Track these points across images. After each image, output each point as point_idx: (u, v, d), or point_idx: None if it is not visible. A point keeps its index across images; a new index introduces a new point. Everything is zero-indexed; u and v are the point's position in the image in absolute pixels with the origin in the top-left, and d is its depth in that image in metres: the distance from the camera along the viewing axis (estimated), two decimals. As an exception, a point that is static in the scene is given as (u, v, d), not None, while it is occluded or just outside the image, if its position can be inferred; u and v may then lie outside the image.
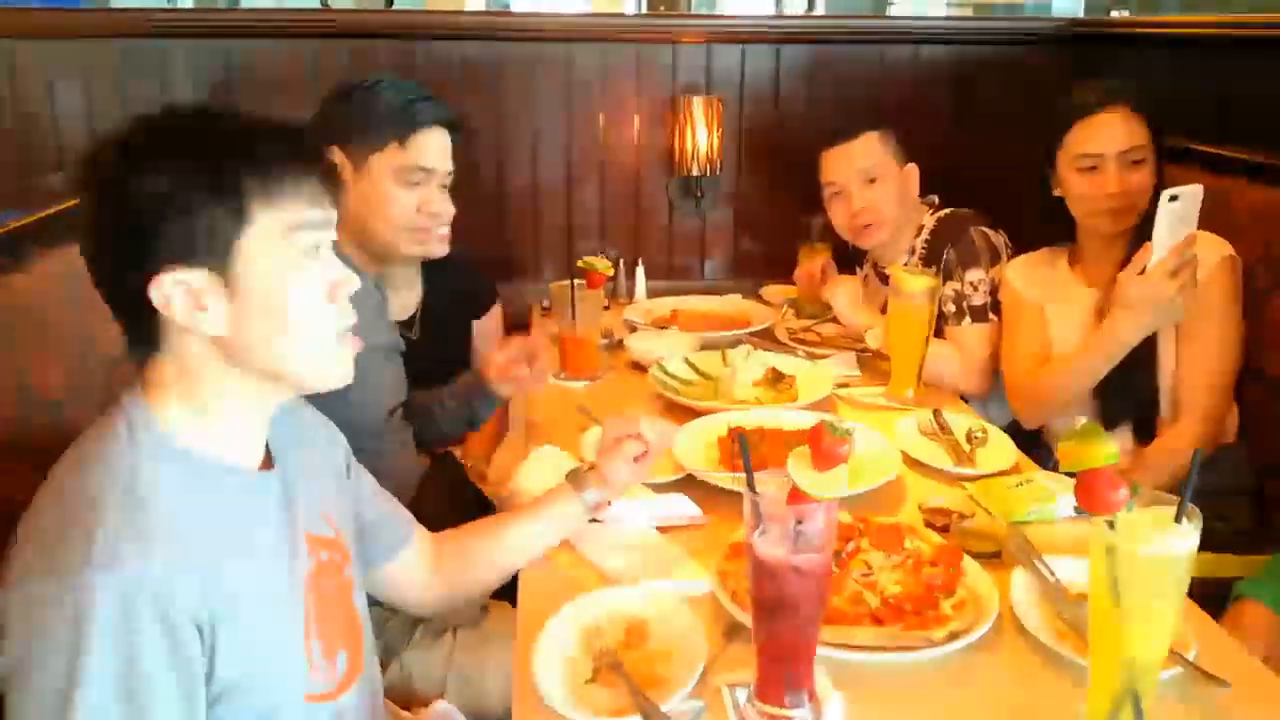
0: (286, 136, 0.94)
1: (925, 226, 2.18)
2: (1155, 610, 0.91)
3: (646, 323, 2.34)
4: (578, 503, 1.33)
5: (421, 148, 1.61)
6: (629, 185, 2.75)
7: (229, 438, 0.96)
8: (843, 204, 2.17)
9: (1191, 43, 2.32)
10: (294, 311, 0.93)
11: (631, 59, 2.64)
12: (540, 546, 1.33)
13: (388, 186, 1.60)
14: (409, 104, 1.60)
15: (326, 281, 0.95)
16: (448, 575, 1.30)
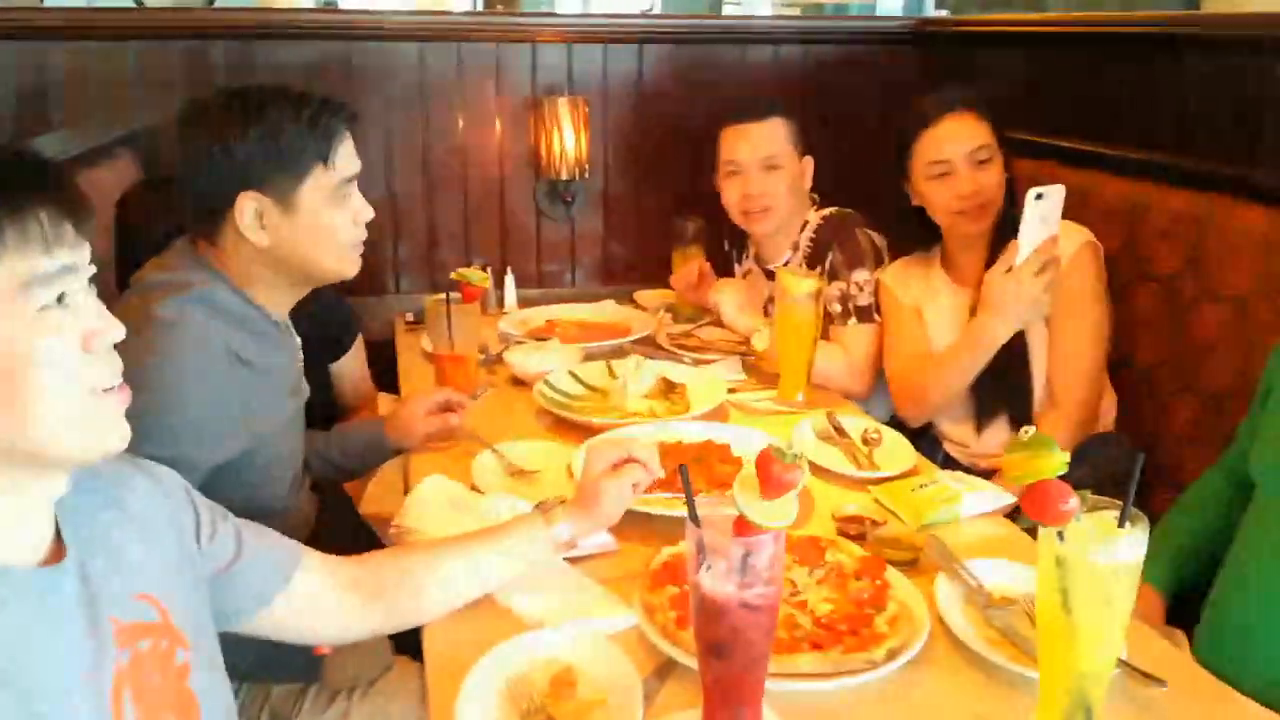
0: (16, 170, 0.79)
1: (810, 223, 2.17)
2: (1106, 619, 0.90)
3: (522, 335, 2.25)
4: (545, 539, 1.21)
5: (343, 158, 1.40)
6: (493, 191, 2.64)
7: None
8: (738, 184, 2.13)
9: (1038, 39, 2.42)
10: (34, 379, 0.77)
11: (489, 59, 2.53)
12: (495, 580, 1.20)
13: (324, 212, 1.39)
14: (317, 117, 1.37)
15: (79, 332, 0.79)
16: (386, 599, 1.15)
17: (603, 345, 2.14)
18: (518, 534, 1.22)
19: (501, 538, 1.22)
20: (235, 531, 1.06)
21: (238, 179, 1.34)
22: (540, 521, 1.22)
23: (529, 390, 1.94)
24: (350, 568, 1.16)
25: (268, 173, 1.35)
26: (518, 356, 2.03)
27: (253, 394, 1.37)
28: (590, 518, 1.23)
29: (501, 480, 1.56)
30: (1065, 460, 0.86)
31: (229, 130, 1.34)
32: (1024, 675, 1.06)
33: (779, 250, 2.20)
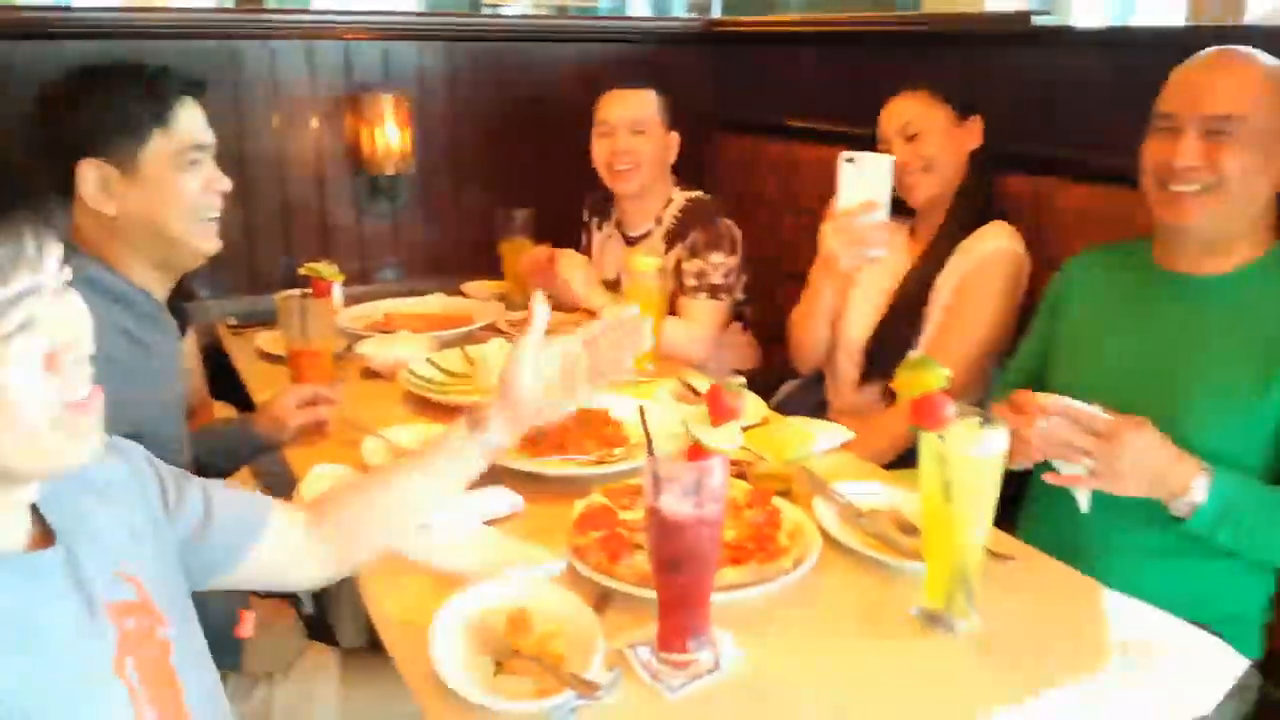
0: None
1: (674, 201, 2.36)
2: (979, 504, 1.11)
3: (363, 329, 2.26)
4: (474, 447, 1.20)
5: (186, 123, 1.41)
6: (312, 190, 2.62)
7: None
8: (608, 143, 2.32)
9: (813, 38, 2.72)
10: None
11: (301, 57, 2.51)
12: (433, 500, 1.22)
13: (170, 175, 1.40)
14: (154, 82, 1.39)
15: (40, 357, 0.78)
16: (335, 543, 1.17)
17: (453, 334, 2.21)
18: (451, 445, 1.21)
19: (438, 451, 1.22)
20: (202, 491, 1.07)
21: (77, 146, 1.37)
22: (467, 430, 1.21)
23: (384, 382, 1.99)
24: (309, 509, 1.19)
25: (106, 138, 1.38)
26: (370, 349, 2.06)
27: (144, 374, 1.36)
28: (516, 411, 1.21)
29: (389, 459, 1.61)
30: (946, 375, 1.06)
31: (65, 99, 1.38)
32: (900, 567, 1.27)
33: (642, 219, 2.40)
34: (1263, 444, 1.40)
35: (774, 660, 1.10)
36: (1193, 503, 1.33)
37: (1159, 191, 1.46)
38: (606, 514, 1.34)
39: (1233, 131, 1.38)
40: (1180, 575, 1.43)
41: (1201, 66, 1.44)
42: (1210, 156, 1.39)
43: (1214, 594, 1.45)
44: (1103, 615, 1.19)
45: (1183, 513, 1.34)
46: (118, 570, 0.92)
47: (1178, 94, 1.44)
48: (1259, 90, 1.38)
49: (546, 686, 1.02)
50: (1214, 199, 1.40)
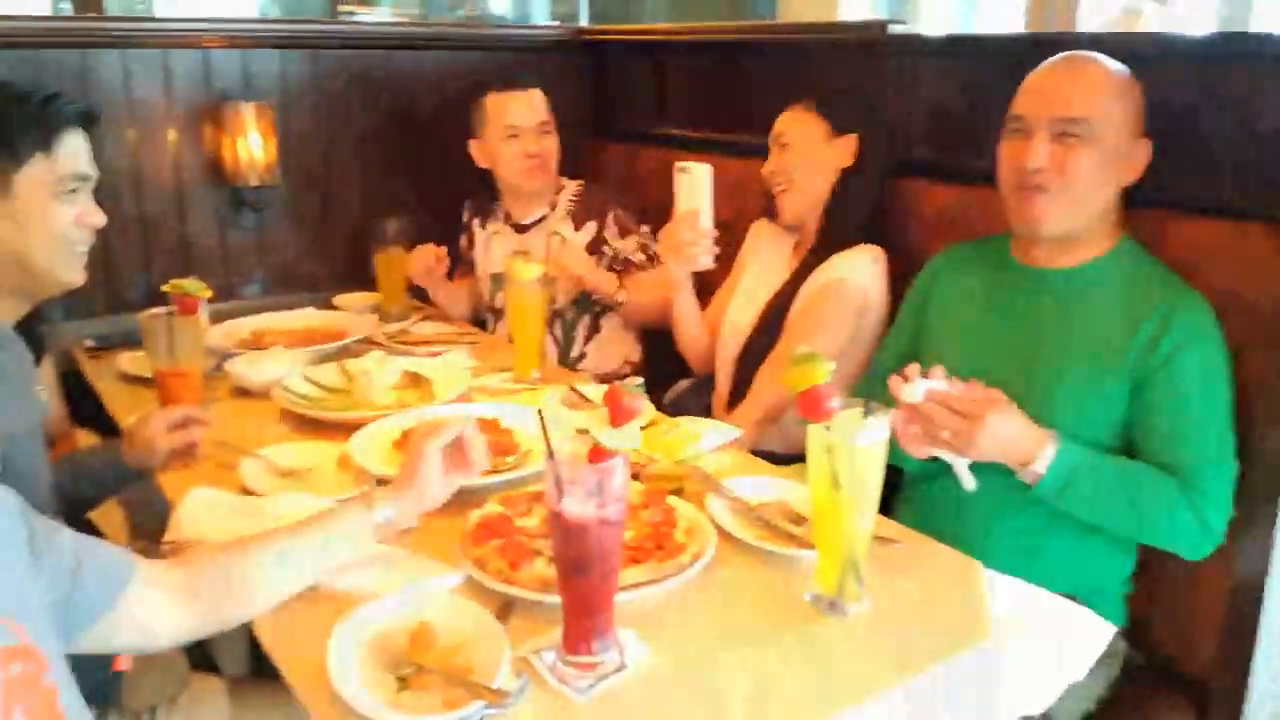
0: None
1: (566, 188, 2.52)
2: (866, 491, 1.16)
3: (232, 347, 2.18)
4: (366, 522, 1.22)
5: (70, 153, 1.38)
6: (171, 204, 2.50)
7: None
8: (518, 145, 2.41)
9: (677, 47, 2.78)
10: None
11: (156, 66, 2.40)
12: (321, 569, 1.21)
13: (44, 202, 1.35)
14: (42, 106, 1.35)
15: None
16: (207, 604, 1.12)
17: (328, 348, 2.15)
18: (341, 520, 1.24)
19: (325, 525, 1.23)
20: (71, 543, 1.02)
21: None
22: (362, 507, 1.24)
23: (256, 400, 1.93)
24: (176, 570, 1.14)
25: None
26: (243, 367, 1.98)
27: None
28: (415, 500, 1.26)
29: (274, 482, 1.56)
30: (831, 368, 1.10)
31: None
32: (793, 556, 1.30)
33: (533, 209, 2.50)
34: (1115, 424, 1.50)
35: (678, 654, 1.12)
36: (1036, 473, 1.42)
37: (1012, 192, 1.55)
38: (504, 522, 1.33)
39: (1081, 134, 1.47)
40: (1050, 553, 1.52)
41: (1051, 71, 1.53)
42: (1059, 158, 1.48)
43: (1081, 569, 1.55)
44: (983, 592, 1.25)
45: (1029, 480, 1.44)
46: (1, 616, 0.87)
47: (1029, 98, 1.53)
48: (1105, 94, 1.48)
49: (453, 699, 1.01)
50: (1063, 199, 1.49)
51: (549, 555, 1.22)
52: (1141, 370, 1.46)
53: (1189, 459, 1.42)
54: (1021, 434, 1.41)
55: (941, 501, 1.58)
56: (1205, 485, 1.42)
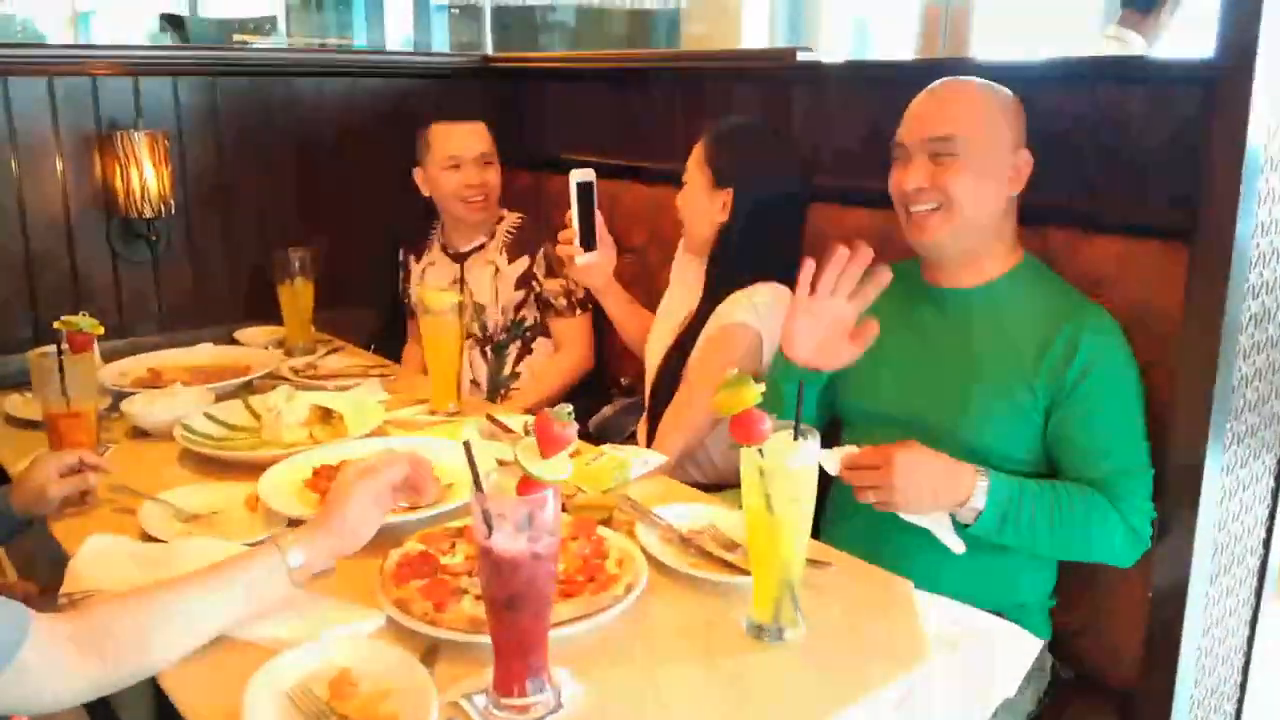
0: None
1: (506, 219, 2.55)
2: (799, 513, 1.15)
3: (128, 386, 2.07)
4: (279, 567, 1.16)
5: None
6: (58, 237, 2.37)
7: None
8: (459, 176, 2.44)
9: (583, 75, 2.78)
10: None
11: (42, 94, 2.28)
12: (231, 619, 1.14)
13: None
14: None
15: None
16: (108, 658, 1.04)
17: (230, 384, 2.05)
18: (251, 566, 1.17)
19: (234, 572, 1.16)
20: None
21: None
22: (275, 551, 1.18)
23: (155, 441, 1.83)
24: (69, 623, 1.05)
25: None
26: (139, 407, 1.88)
27: None
28: (338, 543, 1.21)
29: (178, 527, 1.47)
30: (761, 391, 1.09)
31: None
32: (726, 583, 1.28)
33: (470, 238, 2.53)
34: (1031, 440, 1.53)
35: (615, 690, 1.08)
36: (975, 509, 1.44)
37: (903, 215, 1.59)
38: (426, 561, 1.28)
39: (955, 152, 1.52)
40: (974, 571, 1.53)
41: (925, 96, 1.59)
42: (937, 178, 1.53)
43: (1005, 586, 1.57)
44: (915, 613, 1.25)
45: (968, 520, 1.45)
46: None
47: (907, 123, 1.59)
48: (976, 111, 1.53)
49: (379, 752, 0.95)
50: (947, 216, 1.54)
51: (476, 593, 1.18)
52: (1055, 389, 1.49)
53: (1109, 470, 1.46)
54: (945, 470, 1.43)
55: (864, 522, 1.58)
56: (1128, 493, 1.45)
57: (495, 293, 2.48)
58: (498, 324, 2.48)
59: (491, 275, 2.49)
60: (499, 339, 2.50)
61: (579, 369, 2.48)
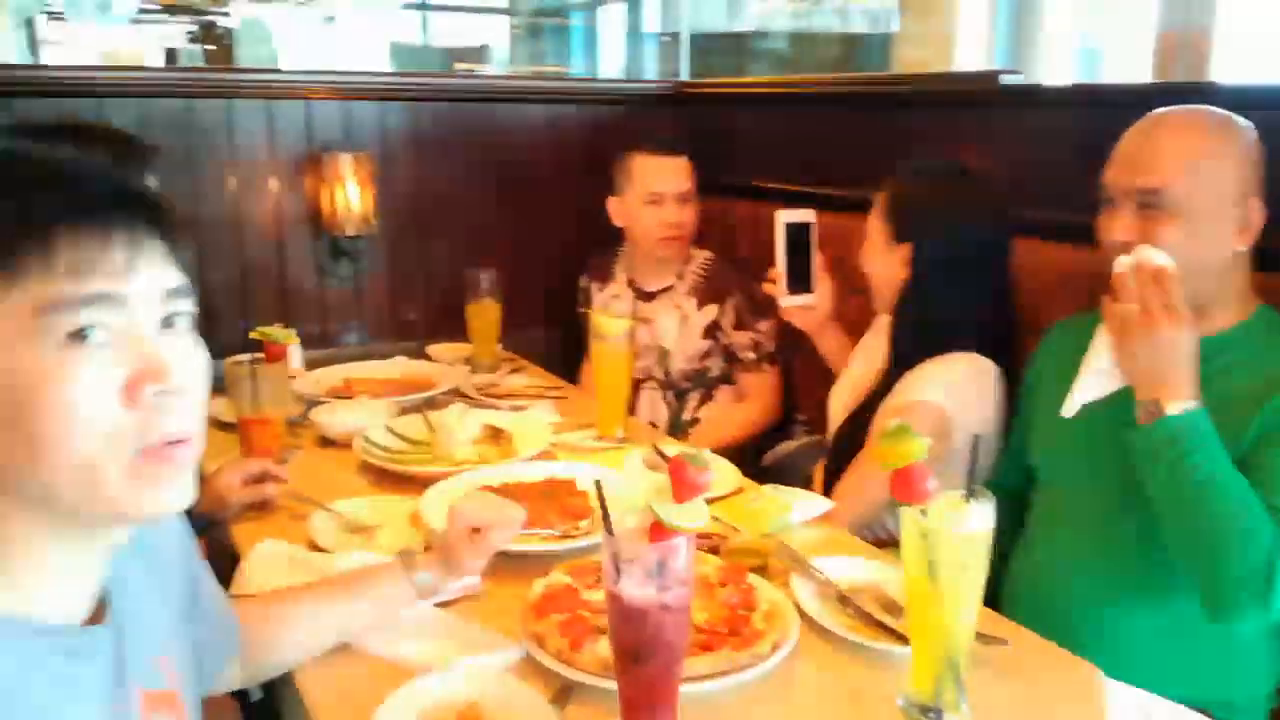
0: (57, 177, 0.71)
1: (695, 259, 2.47)
2: (965, 584, 1.03)
3: (322, 395, 2.17)
4: (407, 585, 1.19)
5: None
6: (270, 252, 2.55)
7: (34, 587, 0.72)
8: (659, 213, 2.38)
9: (777, 100, 2.71)
10: (45, 422, 0.67)
11: (260, 117, 2.46)
12: (357, 627, 1.18)
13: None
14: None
15: (114, 377, 0.69)
16: (250, 653, 1.10)
17: (413, 398, 2.12)
18: (381, 580, 1.20)
19: (365, 583, 1.20)
20: (214, 589, 1.02)
21: None
22: (401, 569, 1.21)
23: (340, 450, 1.90)
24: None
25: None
26: (325, 416, 1.96)
27: None
28: (450, 569, 1.23)
29: (342, 538, 1.51)
30: (926, 446, 0.99)
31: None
32: (885, 651, 1.17)
33: (660, 277, 2.47)
34: None
35: (748, 759, 1.01)
36: (1160, 412, 1.29)
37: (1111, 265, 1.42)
38: (569, 594, 1.24)
39: (1163, 205, 1.34)
40: (1176, 658, 1.34)
41: (1135, 134, 1.41)
42: (1145, 231, 1.35)
43: (1212, 678, 1.37)
44: (1102, 704, 1.10)
45: (1142, 417, 1.31)
46: (156, 655, 0.83)
47: (1113, 165, 1.41)
48: (1191, 159, 1.34)
49: (492, 797, 0.92)
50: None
51: (613, 635, 1.13)
52: (1267, 426, 1.30)
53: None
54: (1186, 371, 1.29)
55: (1056, 598, 1.42)
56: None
57: (681, 339, 2.42)
58: (681, 371, 2.43)
59: (679, 321, 2.43)
60: (681, 386, 2.44)
61: (762, 422, 2.39)
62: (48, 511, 0.71)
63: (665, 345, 2.43)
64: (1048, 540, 1.50)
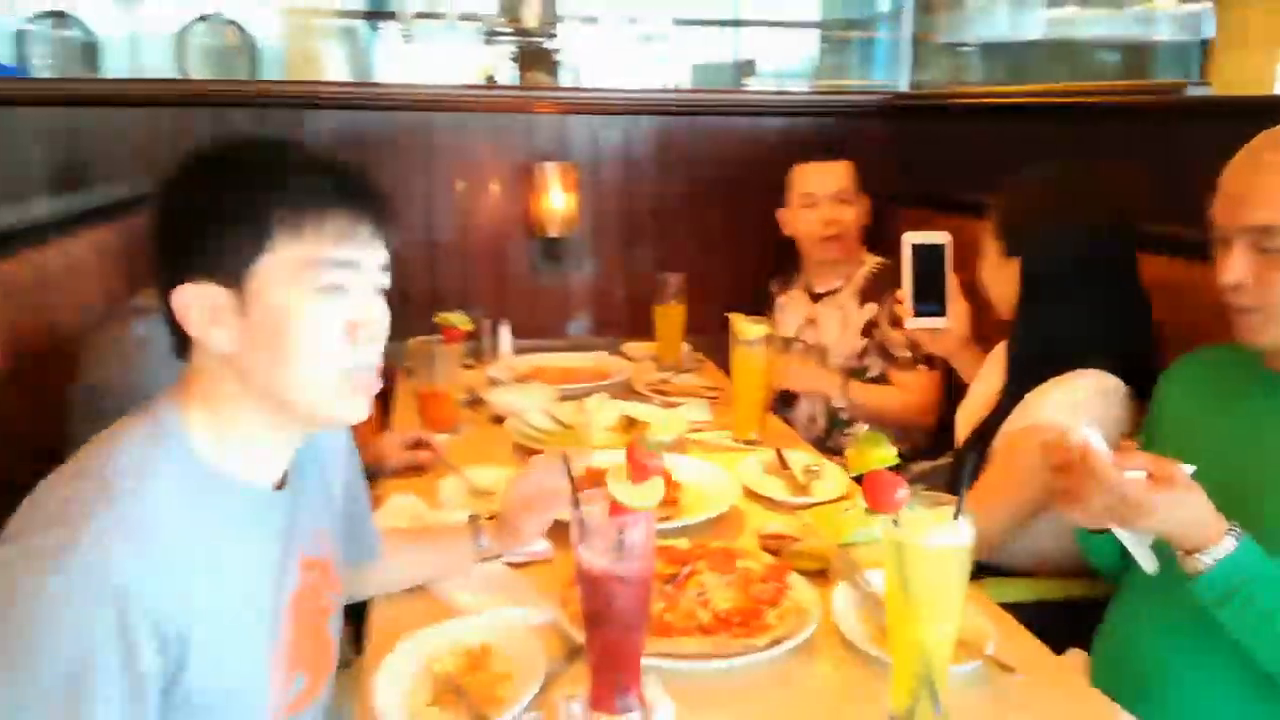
0: (328, 171, 0.96)
1: (866, 264, 2.51)
2: (940, 599, 1.01)
3: (508, 379, 2.40)
4: (470, 546, 1.38)
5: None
6: (490, 249, 2.84)
7: (246, 455, 0.97)
8: (815, 213, 2.47)
9: (987, 111, 2.60)
10: (297, 343, 0.93)
11: (489, 128, 2.75)
12: (423, 575, 1.37)
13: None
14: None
15: (342, 321, 0.95)
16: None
17: (578, 387, 2.29)
18: (452, 538, 1.40)
19: (440, 539, 1.41)
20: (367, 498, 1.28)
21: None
22: (467, 530, 1.39)
23: (505, 428, 2.10)
24: None
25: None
26: (497, 395, 2.18)
27: None
28: (510, 537, 1.39)
29: (464, 499, 1.70)
30: (894, 454, 0.99)
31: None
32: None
33: (829, 279, 2.53)
34: None
35: (706, 735, 1.06)
36: (1203, 565, 1.14)
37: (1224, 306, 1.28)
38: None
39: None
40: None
41: (1242, 166, 1.24)
42: (1261, 274, 1.21)
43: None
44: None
45: (1188, 570, 1.16)
46: (317, 527, 1.09)
47: (1220, 199, 1.26)
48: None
49: (462, 722, 1.05)
50: (1266, 321, 1.22)
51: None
52: None
53: None
54: (1209, 513, 1.15)
55: (1141, 643, 1.32)
56: None
57: (840, 338, 2.45)
58: (839, 368, 2.43)
59: (840, 319, 2.47)
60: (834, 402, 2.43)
61: (917, 414, 2.33)
62: (273, 406, 0.96)
63: (825, 342, 2.47)
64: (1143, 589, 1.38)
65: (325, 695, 1.11)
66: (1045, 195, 1.70)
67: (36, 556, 0.81)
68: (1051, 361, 1.60)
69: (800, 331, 2.56)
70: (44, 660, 0.80)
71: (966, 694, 1.11)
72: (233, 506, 0.95)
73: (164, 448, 0.92)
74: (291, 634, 1.00)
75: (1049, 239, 1.64)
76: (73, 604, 0.80)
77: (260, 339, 0.93)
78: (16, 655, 0.80)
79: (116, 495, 0.86)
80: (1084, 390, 1.57)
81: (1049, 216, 1.66)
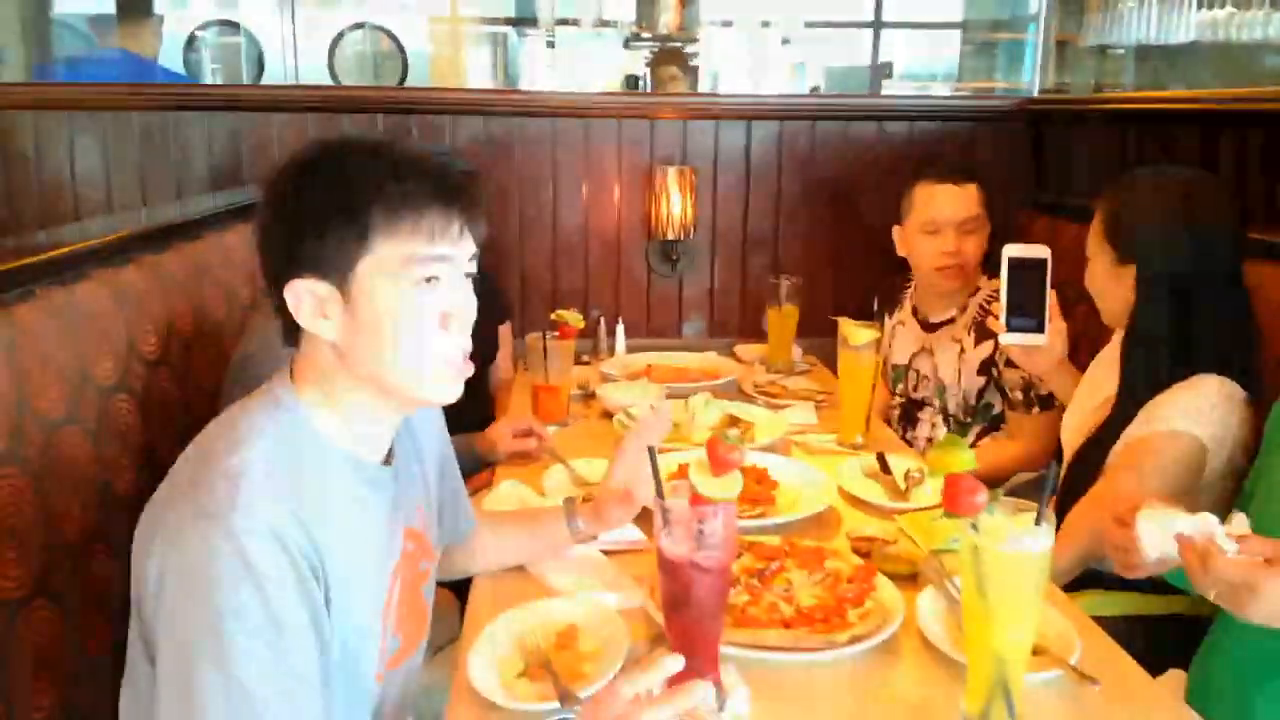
0: (423, 173, 1.02)
1: (981, 290, 2.33)
2: (1017, 605, 1.02)
3: (621, 376, 2.47)
4: (564, 529, 1.45)
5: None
6: (610, 250, 2.92)
7: (356, 433, 1.07)
8: (937, 241, 2.27)
9: (1127, 117, 2.51)
10: (395, 333, 1.01)
11: (612, 132, 2.83)
12: (522, 555, 1.46)
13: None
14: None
15: (438, 311, 1.03)
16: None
17: (686, 386, 2.34)
18: (549, 521, 1.47)
19: (538, 522, 1.48)
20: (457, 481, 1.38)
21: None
22: (562, 514, 1.45)
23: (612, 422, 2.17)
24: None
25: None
26: (608, 391, 2.25)
27: None
28: (602, 520, 1.45)
29: (567, 489, 1.77)
30: (972, 458, 1.00)
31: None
32: (975, 671, 1.17)
33: (941, 309, 2.37)
34: None
35: (778, 723, 1.09)
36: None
37: None
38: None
39: None
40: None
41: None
42: None
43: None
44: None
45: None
46: (417, 500, 1.20)
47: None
48: None
49: (547, 695, 1.11)
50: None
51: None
52: None
53: None
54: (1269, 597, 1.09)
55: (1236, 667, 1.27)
56: None
57: (958, 374, 2.31)
58: (959, 406, 2.32)
59: (956, 355, 2.32)
60: (963, 420, 2.33)
61: (1027, 463, 2.14)
62: (375, 389, 1.05)
63: (943, 379, 2.34)
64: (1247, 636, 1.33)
65: (417, 658, 1.19)
66: (1164, 200, 1.65)
67: (208, 516, 0.91)
68: (1169, 367, 1.57)
69: (913, 361, 2.42)
70: (247, 603, 0.89)
71: (1043, 701, 1.10)
72: (349, 479, 1.05)
73: (285, 425, 1.02)
74: (397, 599, 1.10)
75: (1169, 244, 1.60)
76: (248, 552, 0.90)
77: (363, 329, 1.01)
78: (223, 606, 0.89)
79: (254, 463, 0.96)
80: (1212, 395, 1.54)
81: (1169, 221, 1.62)
